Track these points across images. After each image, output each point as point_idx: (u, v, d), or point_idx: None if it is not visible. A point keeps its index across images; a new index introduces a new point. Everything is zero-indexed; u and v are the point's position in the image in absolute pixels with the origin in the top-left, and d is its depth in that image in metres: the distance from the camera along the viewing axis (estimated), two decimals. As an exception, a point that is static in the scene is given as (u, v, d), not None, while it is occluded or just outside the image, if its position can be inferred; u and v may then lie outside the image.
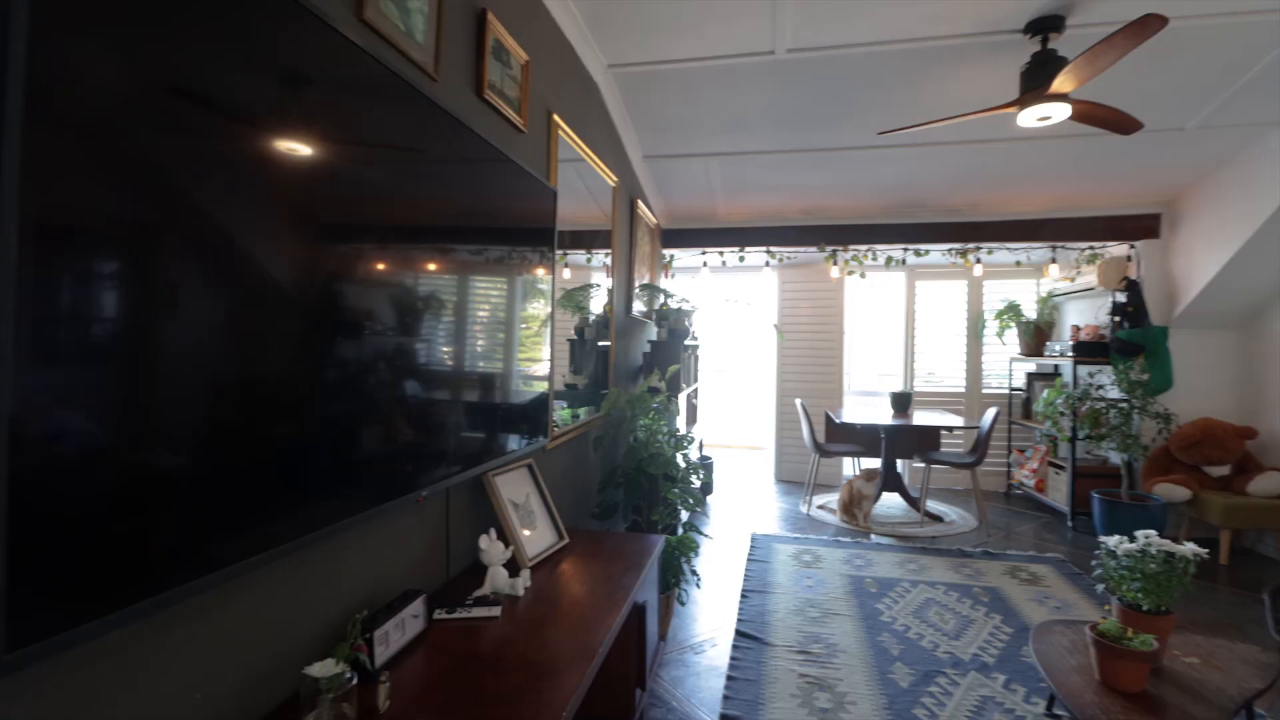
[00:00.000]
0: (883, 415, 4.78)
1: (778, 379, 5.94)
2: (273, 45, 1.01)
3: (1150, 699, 1.78)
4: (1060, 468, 4.71)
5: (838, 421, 4.72)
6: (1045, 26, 2.53)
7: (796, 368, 5.88)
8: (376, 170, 1.30)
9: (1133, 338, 4.33)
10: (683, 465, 2.75)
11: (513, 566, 1.76)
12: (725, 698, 2.25)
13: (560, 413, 2.60)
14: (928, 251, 5.20)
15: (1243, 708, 1.81)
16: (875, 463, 4.97)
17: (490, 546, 1.69)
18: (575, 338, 2.89)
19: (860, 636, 2.73)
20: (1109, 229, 4.65)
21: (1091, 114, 2.69)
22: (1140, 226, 4.59)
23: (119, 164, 0.78)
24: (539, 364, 2.23)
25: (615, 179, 3.29)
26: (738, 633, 2.72)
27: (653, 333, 4.17)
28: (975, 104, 3.18)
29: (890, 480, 4.74)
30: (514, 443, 1.98)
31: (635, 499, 2.65)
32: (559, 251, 2.53)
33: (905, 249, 5.11)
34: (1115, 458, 4.33)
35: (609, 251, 3.28)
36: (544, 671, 1.30)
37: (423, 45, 1.58)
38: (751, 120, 3.49)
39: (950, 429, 4.88)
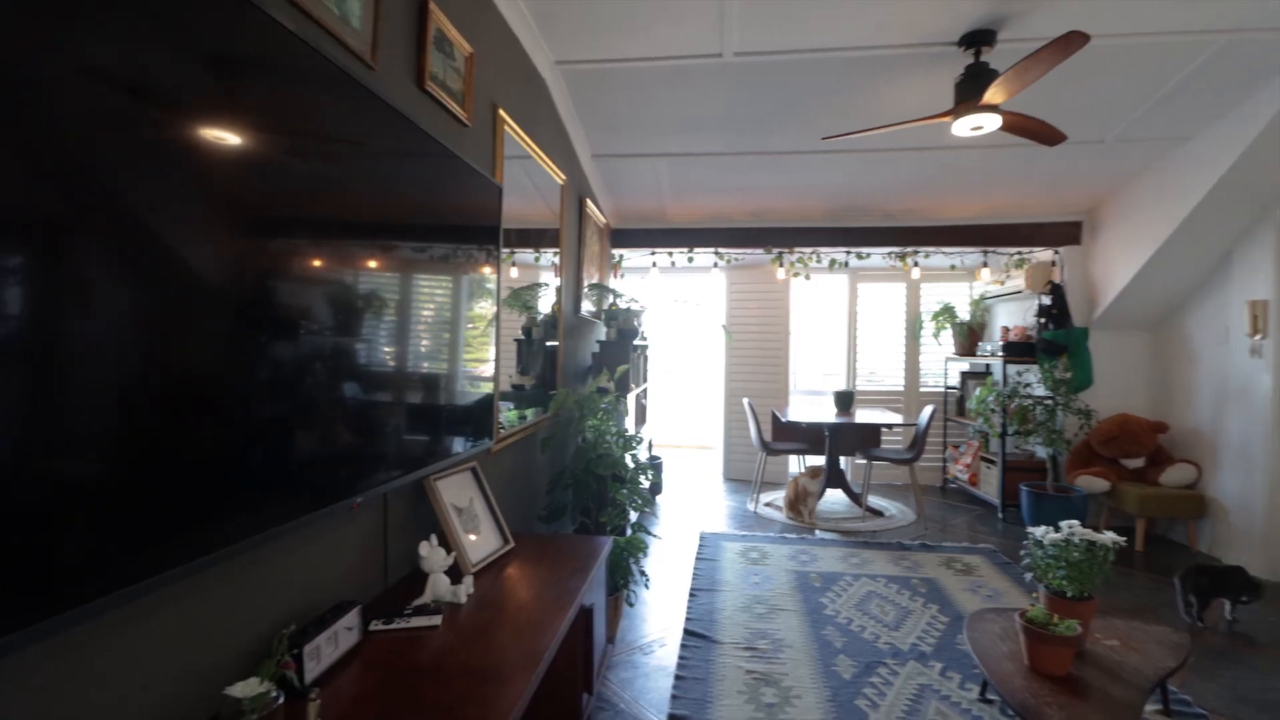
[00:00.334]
0: (827, 414, 4.90)
1: (726, 379, 6.02)
2: (192, 24, 0.94)
3: (1075, 681, 1.88)
4: (991, 462, 4.93)
5: (784, 420, 4.81)
6: (978, 40, 2.64)
7: (744, 368, 5.97)
8: (309, 162, 1.24)
9: (1057, 338, 4.57)
10: (631, 466, 2.74)
11: (455, 573, 1.71)
12: (673, 697, 2.25)
13: (507, 414, 2.55)
14: (869, 255, 5.37)
15: (1157, 685, 1.93)
16: (820, 460, 5.09)
17: (431, 553, 1.64)
18: (523, 338, 2.84)
19: (805, 631, 2.78)
20: (1035, 235, 4.91)
21: (1020, 125, 2.82)
22: (1063, 233, 4.86)
23: (19, 149, 0.71)
24: (484, 364, 2.18)
25: (564, 177, 3.26)
26: (686, 632, 2.73)
27: (601, 333, 4.15)
28: (914, 112, 3.29)
29: (834, 477, 4.86)
30: (457, 445, 1.93)
31: (584, 500, 2.62)
32: (506, 250, 2.48)
33: (848, 252, 5.26)
34: (1041, 452, 4.56)
35: (557, 250, 3.24)
36: (487, 679, 1.26)
37: (359, 32, 1.51)
38: (700, 122, 3.52)
39: (890, 426, 5.05)
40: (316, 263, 1.27)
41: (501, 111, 2.39)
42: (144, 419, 0.89)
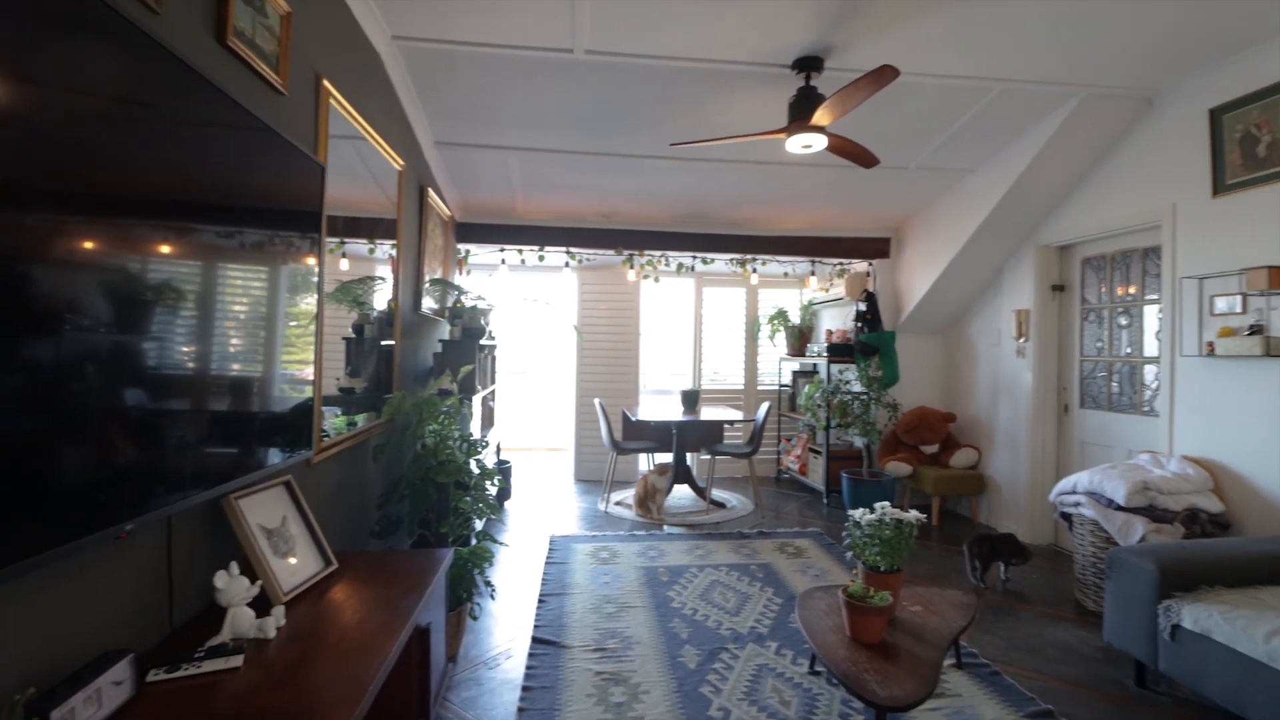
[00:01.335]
0: (674, 412, 5.06)
1: (577, 379, 6.00)
2: None
3: (888, 646, 2.08)
4: (818, 452, 5.40)
5: (634, 420, 4.89)
6: (809, 65, 2.85)
7: (595, 368, 5.99)
8: (68, 122, 1.00)
9: (870, 340, 5.12)
10: (477, 471, 2.61)
11: (264, 604, 1.49)
12: (520, 710, 2.17)
13: (333, 421, 2.30)
14: (713, 260, 5.64)
15: (952, 643, 2.20)
16: (668, 457, 5.24)
17: (230, 584, 1.41)
18: (353, 336, 2.59)
19: (653, 626, 2.83)
20: (854, 248, 5.46)
21: (842, 147, 3.09)
22: (876, 248, 5.46)
23: None
24: (304, 366, 1.94)
25: (402, 163, 3.02)
26: (534, 640, 2.65)
27: (445, 331, 3.93)
28: (754, 127, 3.49)
29: (681, 473, 5.03)
30: (268, 457, 1.69)
31: (423, 511, 2.44)
32: (334, 239, 2.24)
33: (694, 257, 5.48)
34: (858, 442, 5.08)
35: (394, 242, 3.00)
36: (298, 724, 1.10)
37: (132, -35, 1.26)
38: (552, 117, 3.45)
39: (732, 423, 5.34)
40: (85, 245, 1.04)
41: (327, 83, 2.15)
42: None
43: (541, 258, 5.26)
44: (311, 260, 1.96)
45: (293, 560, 1.69)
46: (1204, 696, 2.20)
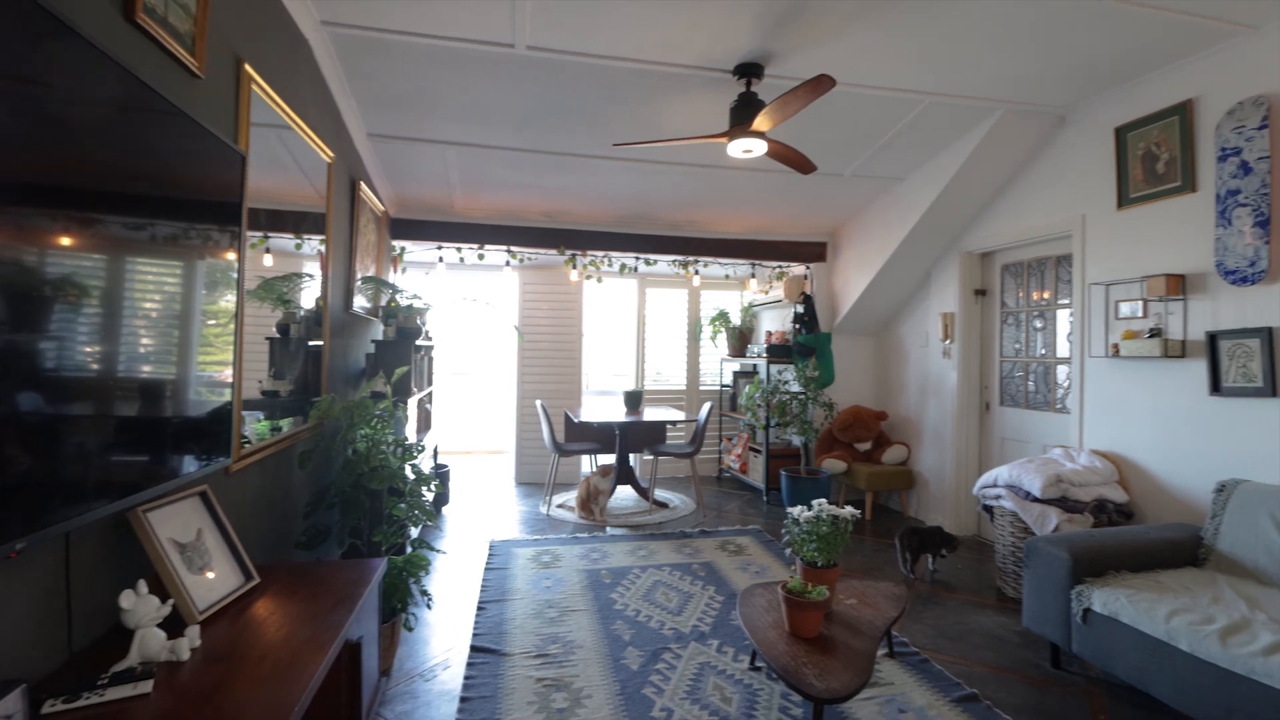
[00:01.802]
0: (617, 413, 5.05)
1: (518, 381, 5.90)
2: None
3: (825, 639, 2.13)
4: (758, 451, 5.51)
5: (576, 421, 4.85)
6: (749, 72, 2.90)
7: (537, 369, 5.91)
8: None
9: (807, 342, 5.26)
10: (412, 477, 2.52)
11: (178, 624, 1.39)
12: (459, 722, 2.11)
13: (255, 425, 2.17)
14: (656, 261, 5.67)
15: (885, 633, 2.28)
16: (611, 458, 5.23)
17: (137, 604, 1.31)
18: (278, 336, 2.45)
19: (596, 629, 2.81)
20: (792, 252, 5.60)
21: (781, 153, 3.16)
22: (813, 251, 5.62)
23: None
24: (221, 367, 1.82)
25: (331, 154, 2.89)
26: (473, 648, 2.58)
27: (379, 331, 3.78)
28: (696, 130, 3.52)
29: (624, 474, 5.03)
30: (181, 465, 1.58)
31: (354, 520, 2.33)
32: (257, 233, 2.12)
33: (637, 258, 5.49)
34: (796, 440, 5.21)
35: (324, 238, 2.86)
36: (213, 754, 1.03)
37: (20, -72, 1.15)
38: (492, 113, 3.38)
39: (674, 423, 5.38)
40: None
41: (248, 68, 2.03)
42: None
43: (481, 256, 5.14)
44: (231, 255, 1.84)
45: (210, 575, 1.58)
46: (1113, 675, 2.36)
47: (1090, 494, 3.08)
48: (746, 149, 2.98)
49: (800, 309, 5.36)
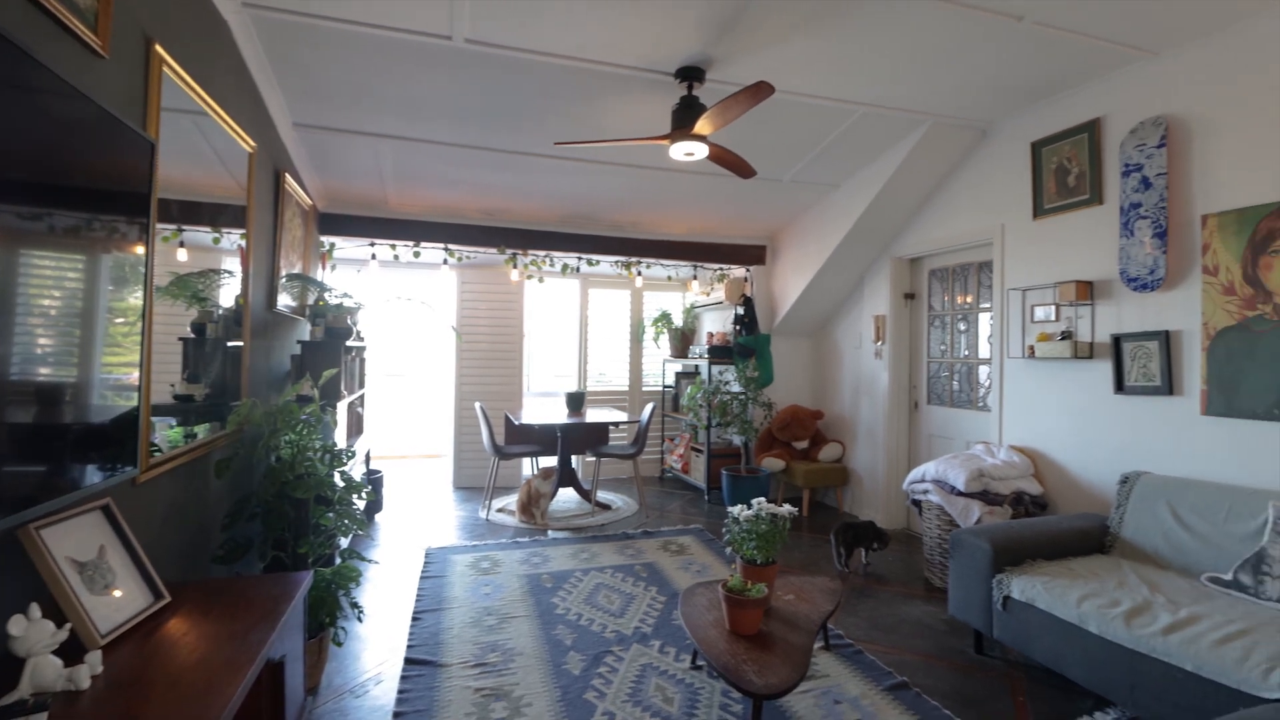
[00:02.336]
0: (559, 415, 5.00)
1: (457, 382, 5.76)
2: None
3: (765, 636, 2.16)
4: (700, 451, 5.57)
5: (517, 423, 4.77)
6: (691, 75, 2.92)
7: (476, 371, 5.78)
8: None
9: (747, 343, 5.35)
10: (341, 484, 2.40)
11: (77, 650, 1.27)
12: (392, 738, 2.03)
13: (167, 433, 2.02)
14: (598, 262, 5.64)
15: (821, 627, 2.34)
16: (552, 461, 5.17)
17: (28, 630, 1.19)
18: (193, 337, 2.29)
19: (536, 635, 2.76)
20: (733, 254, 5.69)
21: (722, 157, 3.20)
22: (753, 254, 5.72)
23: None
24: (128, 369, 1.69)
25: (253, 144, 2.73)
26: (408, 660, 2.49)
27: (305, 332, 3.60)
28: (639, 131, 3.52)
29: (566, 476, 4.98)
30: (83, 476, 1.45)
31: (277, 531, 2.20)
32: (170, 226, 1.98)
33: (579, 258, 5.45)
34: (737, 440, 5.30)
35: (245, 232, 2.70)
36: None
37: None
38: (428, 107, 3.27)
39: (617, 424, 5.37)
40: None
41: (159, 48, 1.88)
42: None
43: (417, 254, 4.98)
44: (140, 249, 1.71)
45: (116, 595, 1.46)
46: (1031, 658, 2.50)
47: (1009, 487, 3.26)
48: (688, 152, 3.00)
49: (741, 311, 5.45)
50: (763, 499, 2.50)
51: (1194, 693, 1.83)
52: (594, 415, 5.15)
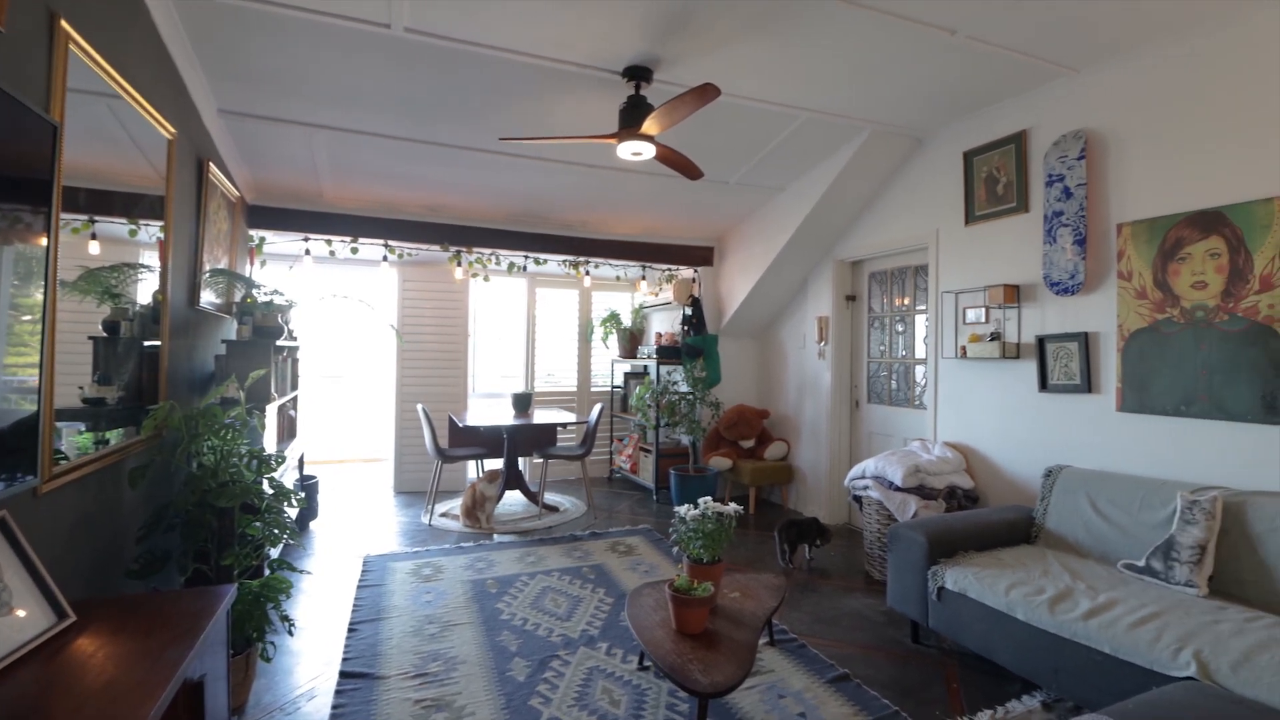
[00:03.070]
0: (506, 416, 4.91)
1: (398, 384, 5.58)
2: None
3: (710, 634, 2.17)
4: (648, 451, 5.58)
5: (461, 425, 4.66)
6: (638, 75, 2.91)
7: (419, 371, 5.62)
8: None
9: (696, 343, 5.39)
10: (270, 491, 2.28)
11: (-43, 679, 1.16)
12: (326, 756, 1.93)
13: (75, 439, 1.87)
14: (546, 261, 5.57)
15: (765, 623, 2.37)
16: (498, 463, 5.08)
17: (-100, 660, 1.07)
18: (105, 336, 2.13)
19: (480, 642, 2.69)
20: (681, 255, 5.73)
21: (670, 158, 3.20)
22: (701, 255, 5.77)
23: None
24: (29, 370, 1.55)
25: (173, 131, 2.56)
26: (343, 674, 2.39)
27: (232, 331, 3.42)
28: (586, 130, 3.49)
29: (512, 478, 4.89)
30: (-33, 489, 1.32)
31: (198, 542, 2.07)
32: (79, 216, 1.84)
33: (527, 256, 5.36)
34: (685, 439, 5.33)
35: (164, 224, 2.53)
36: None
37: None
38: (369, 97, 3.15)
39: (565, 425, 5.31)
40: None
41: (65, 24, 1.74)
42: None
43: (355, 250, 4.80)
44: (43, 240, 1.57)
45: (19, 615, 1.34)
46: (964, 646, 2.60)
47: (943, 482, 3.39)
48: (636, 151, 3.00)
49: (689, 311, 5.49)
50: (709, 498, 2.51)
51: (1112, 674, 1.94)
52: (541, 416, 5.08)
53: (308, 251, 4.74)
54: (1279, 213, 2.31)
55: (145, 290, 2.40)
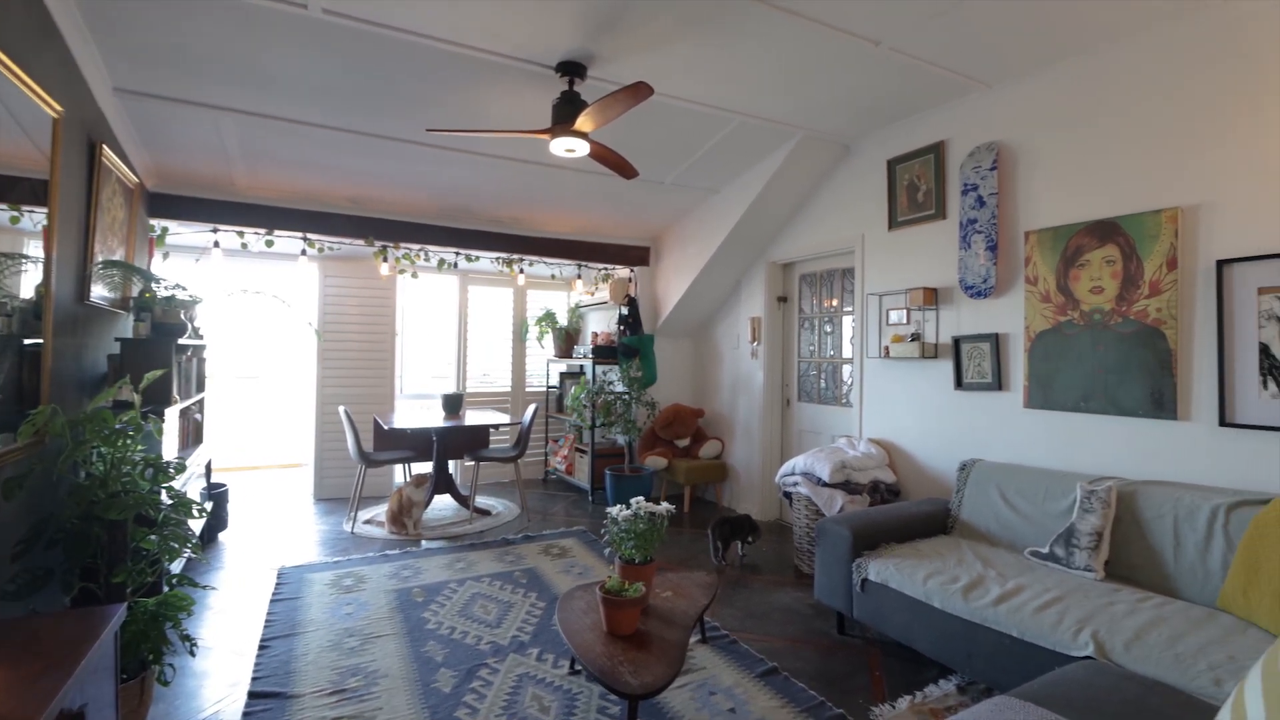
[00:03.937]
0: (435, 418, 4.75)
1: (319, 385, 5.30)
2: None
3: (642, 635, 2.16)
4: (584, 452, 5.53)
5: (387, 428, 4.48)
6: (572, 70, 2.87)
7: (342, 372, 5.36)
8: None
9: (632, 343, 5.39)
10: (169, 502, 2.10)
11: None
12: (231, 784, 1.80)
13: (-69, 445, 1.67)
14: (478, 258, 5.43)
15: (697, 621, 2.38)
16: (427, 467, 4.91)
17: None
18: (-27, 331, 1.91)
19: (404, 654, 2.58)
20: (618, 254, 5.71)
21: (604, 156, 3.17)
22: (637, 255, 5.77)
23: None
24: None
25: (59, 109, 2.33)
26: (252, 694, 2.23)
27: (127, 328, 3.15)
28: (519, 124, 3.41)
29: (442, 482, 4.74)
30: None
31: (85, 558, 1.88)
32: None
33: (458, 253, 5.21)
34: (621, 439, 5.31)
35: (47, 210, 2.29)
36: None
37: None
38: (281, 80, 2.97)
39: (498, 427, 5.19)
40: None
41: (-85, -20, 1.55)
42: None
43: (270, 243, 4.52)
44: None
45: None
46: (886, 635, 2.69)
47: (868, 477, 3.51)
48: (569, 148, 2.95)
49: (625, 311, 5.48)
50: (642, 498, 2.50)
51: (1019, 656, 2.06)
52: (474, 417, 4.95)
53: (217, 244, 4.44)
54: (1166, 223, 2.51)
55: (27, 283, 2.16)
